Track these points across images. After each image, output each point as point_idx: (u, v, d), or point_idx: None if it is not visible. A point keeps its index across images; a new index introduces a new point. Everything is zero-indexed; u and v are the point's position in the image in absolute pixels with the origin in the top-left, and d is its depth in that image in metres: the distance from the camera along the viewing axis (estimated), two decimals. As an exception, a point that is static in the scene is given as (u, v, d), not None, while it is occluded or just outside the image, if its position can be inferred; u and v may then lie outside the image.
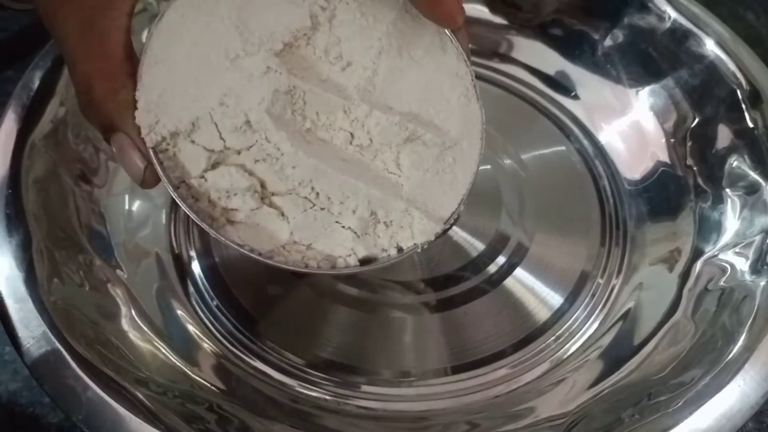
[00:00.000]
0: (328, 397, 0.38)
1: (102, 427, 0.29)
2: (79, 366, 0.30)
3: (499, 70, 0.53)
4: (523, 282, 0.42)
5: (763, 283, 0.36)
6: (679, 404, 0.31)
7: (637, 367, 0.37)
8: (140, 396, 0.31)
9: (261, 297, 0.41)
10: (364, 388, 0.39)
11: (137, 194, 0.43)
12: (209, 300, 0.41)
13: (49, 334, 0.31)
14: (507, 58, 0.53)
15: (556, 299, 0.42)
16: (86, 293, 0.35)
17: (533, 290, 0.42)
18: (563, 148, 0.50)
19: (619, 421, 0.33)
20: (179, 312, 0.40)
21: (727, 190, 0.42)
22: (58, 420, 0.38)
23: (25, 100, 0.39)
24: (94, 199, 0.41)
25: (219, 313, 0.41)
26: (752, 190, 0.40)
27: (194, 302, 0.41)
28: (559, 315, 0.42)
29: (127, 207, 0.43)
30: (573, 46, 0.51)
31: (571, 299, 0.42)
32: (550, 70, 0.52)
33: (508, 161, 0.47)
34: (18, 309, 0.32)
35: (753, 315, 0.34)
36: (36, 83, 0.40)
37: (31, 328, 0.31)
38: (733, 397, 0.31)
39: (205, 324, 0.40)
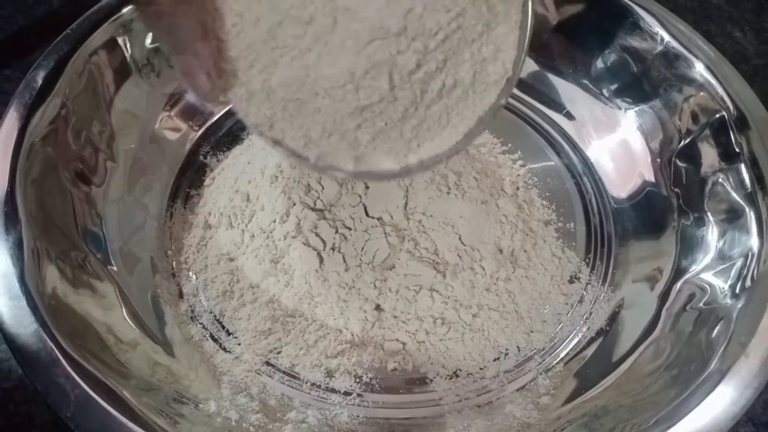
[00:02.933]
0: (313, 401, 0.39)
1: (88, 425, 0.30)
2: (69, 364, 0.31)
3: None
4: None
5: (739, 306, 0.37)
6: (651, 423, 0.32)
7: (615, 382, 0.38)
8: (127, 395, 0.31)
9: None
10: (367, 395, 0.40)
11: (133, 199, 0.45)
12: (202, 303, 0.42)
13: (42, 332, 0.32)
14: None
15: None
16: (80, 293, 0.36)
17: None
18: (552, 162, 0.51)
19: (594, 435, 0.34)
20: (171, 314, 0.41)
21: (710, 212, 0.43)
22: (52, 418, 0.38)
23: (27, 99, 0.40)
24: (92, 200, 0.41)
25: (211, 317, 0.42)
26: (735, 214, 0.41)
27: (187, 306, 0.42)
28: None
29: (122, 210, 0.43)
30: (566, 64, 0.52)
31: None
32: (543, 87, 0.53)
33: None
34: (12, 306, 0.33)
35: (728, 338, 0.35)
36: (39, 83, 0.40)
37: (24, 325, 0.32)
38: (703, 418, 0.32)
39: (196, 326, 0.41)
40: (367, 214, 0.42)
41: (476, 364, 0.41)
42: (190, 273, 0.43)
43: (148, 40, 0.46)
